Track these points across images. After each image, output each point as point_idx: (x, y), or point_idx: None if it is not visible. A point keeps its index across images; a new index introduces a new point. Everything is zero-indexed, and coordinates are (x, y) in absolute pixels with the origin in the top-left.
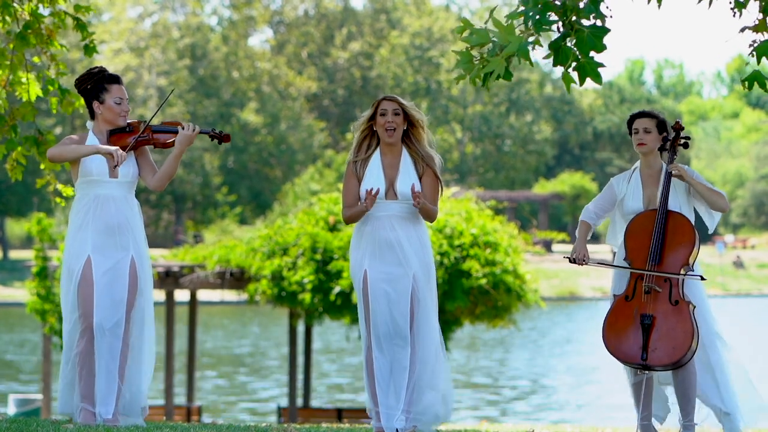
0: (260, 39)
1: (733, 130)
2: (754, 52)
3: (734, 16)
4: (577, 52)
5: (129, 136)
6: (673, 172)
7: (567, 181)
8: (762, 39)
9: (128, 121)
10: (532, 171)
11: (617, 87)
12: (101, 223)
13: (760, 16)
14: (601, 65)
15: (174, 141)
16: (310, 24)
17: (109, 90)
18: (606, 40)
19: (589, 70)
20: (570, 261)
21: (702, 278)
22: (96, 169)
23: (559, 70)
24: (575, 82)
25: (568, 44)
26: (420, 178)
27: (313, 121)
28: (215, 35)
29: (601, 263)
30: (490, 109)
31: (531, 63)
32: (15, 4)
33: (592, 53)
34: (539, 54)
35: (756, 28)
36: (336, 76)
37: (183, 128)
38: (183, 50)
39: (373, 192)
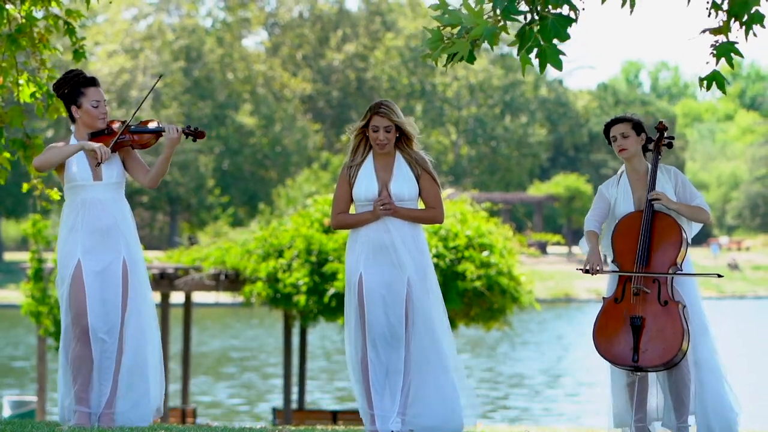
0: (255, 41)
1: (727, 132)
2: (714, 53)
3: (709, 16)
4: (540, 39)
5: (109, 138)
6: (654, 203)
7: (562, 183)
8: (724, 40)
9: (108, 121)
10: (527, 173)
11: (612, 89)
12: (89, 226)
13: (725, 17)
14: (562, 53)
15: (150, 140)
16: (304, 26)
17: (85, 93)
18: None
19: (550, 55)
20: (584, 271)
21: (719, 275)
22: (79, 174)
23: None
24: (531, 65)
25: (533, 29)
26: (417, 181)
27: (308, 123)
28: (210, 37)
29: (616, 271)
30: (484, 111)
31: (492, 46)
32: (8, 7)
33: (555, 41)
34: (507, 40)
35: (719, 31)
36: (331, 77)
37: (165, 129)
38: (177, 52)
39: (383, 200)
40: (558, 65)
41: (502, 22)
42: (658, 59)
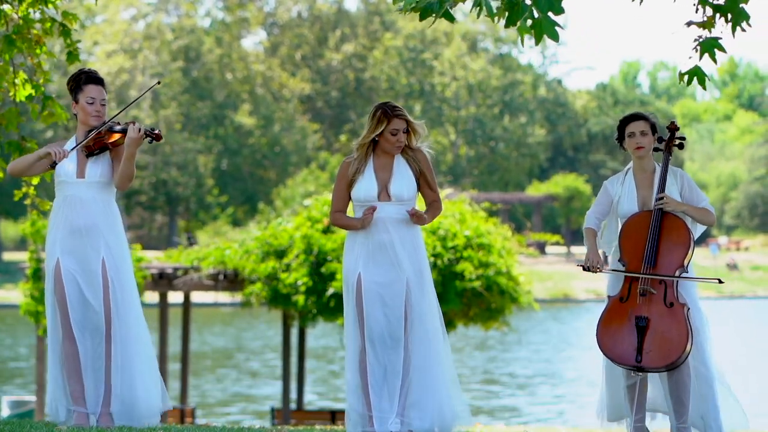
0: (254, 41)
1: (726, 132)
2: (698, 47)
3: (697, 12)
4: (534, 12)
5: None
6: (664, 207)
7: (561, 183)
8: (708, 36)
9: (104, 122)
10: (526, 173)
11: (611, 89)
12: (68, 224)
13: (710, 12)
14: (558, 25)
15: (119, 139)
16: (303, 26)
17: (83, 90)
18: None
19: (546, 28)
20: (584, 269)
21: (720, 281)
22: (63, 170)
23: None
24: (530, 33)
25: (526, 2)
26: (417, 179)
27: (307, 123)
28: (209, 37)
29: (616, 270)
30: (483, 111)
31: (492, 17)
32: (5, 7)
33: (549, 14)
34: (493, 5)
35: (703, 25)
36: (330, 77)
37: (131, 128)
38: (176, 52)
39: (371, 211)
40: (555, 36)
41: None
42: (656, 59)
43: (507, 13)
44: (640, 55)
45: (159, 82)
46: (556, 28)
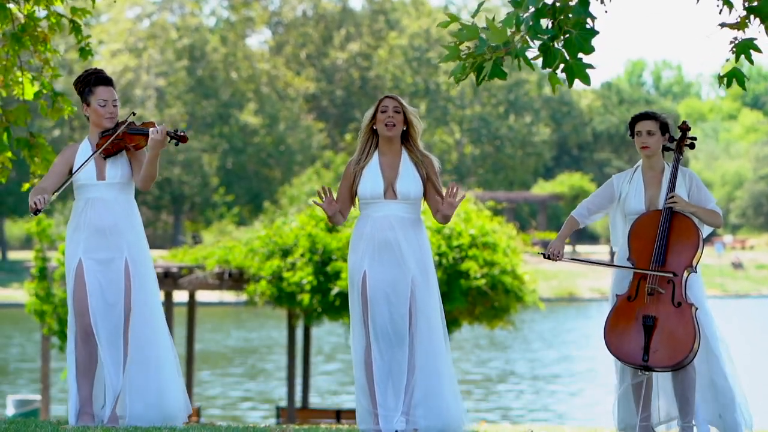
0: (259, 40)
1: (731, 131)
2: (734, 49)
3: (720, 13)
4: (566, 54)
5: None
6: (674, 207)
7: (566, 182)
8: (743, 37)
9: (118, 122)
10: (531, 172)
11: (616, 88)
12: (91, 225)
13: (743, 13)
14: (590, 66)
15: (140, 141)
16: (308, 25)
17: (94, 92)
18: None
19: (577, 72)
20: (544, 257)
21: (674, 274)
22: (83, 174)
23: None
24: (561, 84)
25: (557, 46)
26: (423, 182)
27: (312, 122)
28: (213, 36)
29: (576, 260)
30: (488, 110)
31: (531, 66)
32: (11, 6)
33: (580, 55)
34: (529, 54)
35: (737, 26)
36: (334, 76)
37: (150, 131)
38: (181, 51)
39: (327, 194)
40: (586, 80)
41: (529, 42)
42: (661, 58)
43: (543, 58)
44: (645, 53)
45: (134, 113)
46: (588, 70)
